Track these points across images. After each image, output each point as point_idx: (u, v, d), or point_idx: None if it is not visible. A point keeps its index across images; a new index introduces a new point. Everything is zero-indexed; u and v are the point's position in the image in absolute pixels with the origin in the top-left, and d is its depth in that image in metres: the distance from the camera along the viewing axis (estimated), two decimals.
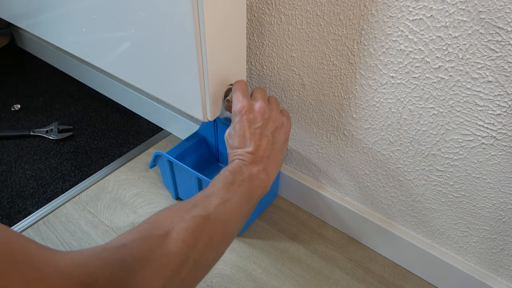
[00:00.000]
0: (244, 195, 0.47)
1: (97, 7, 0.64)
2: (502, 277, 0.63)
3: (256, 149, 0.51)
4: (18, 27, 1.20)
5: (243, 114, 0.52)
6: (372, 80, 0.57)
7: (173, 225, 0.39)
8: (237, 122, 0.52)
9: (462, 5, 0.44)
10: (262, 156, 0.51)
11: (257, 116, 0.52)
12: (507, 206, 0.55)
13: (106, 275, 0.31)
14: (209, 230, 0.41)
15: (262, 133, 0.52)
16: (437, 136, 0.56)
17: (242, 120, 0.52)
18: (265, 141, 0.52)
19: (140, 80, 0.68)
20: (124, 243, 0.36)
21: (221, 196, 0.45)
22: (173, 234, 0.39)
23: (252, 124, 0.52)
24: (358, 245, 0.78)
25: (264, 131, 0.52)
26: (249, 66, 0.72)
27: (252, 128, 0.51)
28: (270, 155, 0.52)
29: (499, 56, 0.45)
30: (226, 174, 0.48)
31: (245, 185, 0.47)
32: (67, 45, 0.79)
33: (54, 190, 0.87)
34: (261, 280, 0.71)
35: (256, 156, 0.50)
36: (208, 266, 0.43)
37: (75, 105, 1.13)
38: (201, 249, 0.40)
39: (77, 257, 0.31)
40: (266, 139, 0.52)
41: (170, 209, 0.43)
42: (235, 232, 0.47)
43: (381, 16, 0.51)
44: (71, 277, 0.28)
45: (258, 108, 0.53)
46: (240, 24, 0.57)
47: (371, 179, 0.69)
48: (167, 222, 0.40)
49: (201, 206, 0.43)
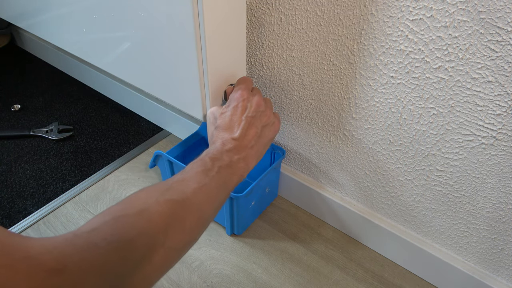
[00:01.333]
0: (221, 182, 0.47)
1: (97, 7, 0.64)
2: (502, 277, 0.63)
3: (242, 137, 0.51)
4: (18, 27, 1.20)
5: (241, 101, 0.53)
6: (372, 80, 0.57)
7: (147, 206, 0.39)
8: (233, 107, 0.53)
9: (462, 5, 0.44)
10: (246, 145, 0.51)
11: (253, 106, 0.54)
12: (507, 206, 0.55)
13: (75, 261, 0.30)
14: (183, 215, 0.41)
15: (252, 122, 0.53)
16: (437, 136, 0.56)
17: (238, 106, 0.53)
18: (253, 131, 0.52)
19: (140, 80, 0.68)
20: (95, 227, 0.35)
21: (198, 181, 0.44)
22: (145, 215, 0.38)
23: (246, 112, 0.53)
24: (358, 245, 0.78)
25: (255, 122, 0.53)
26: (249, 66, 0.72)
27: (245, 115, 0.52)
28: (253, 146, 0.52)
29: (499, 56, 0.45)
30: (206, 160, 0.47)
31: (223, 172, 0.47)
32: (67, 45, 0.79)
33: (54, 190, 0.87)
34: (261, 280, 0.71)
35: (240, 143, 0.51)
36: (180, 251, 0.42)
37: (75, 105, 1.13)
38: (173, 233, 0.39)
39: (47, 242, 0.30)
40: (254, 130, 0.52)
41: (145, 191, 0.42)
42: (209, 218, 0.46)
43: (381, 16, 0.51)
44: (40, 263, 0.28)
45: (256, 100, 0.54)
46: (240, 24, 0.57)
47: (371, 179, 0.69)
48: (140, 203, 0.39)
49: (176, 189, 0.42)
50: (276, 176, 0.83)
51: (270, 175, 0.78)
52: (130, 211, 0.38)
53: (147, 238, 0.37)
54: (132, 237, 0.36)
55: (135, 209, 0.38)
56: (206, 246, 0.76)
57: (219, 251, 0.76)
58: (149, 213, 0.38)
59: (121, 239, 0.35)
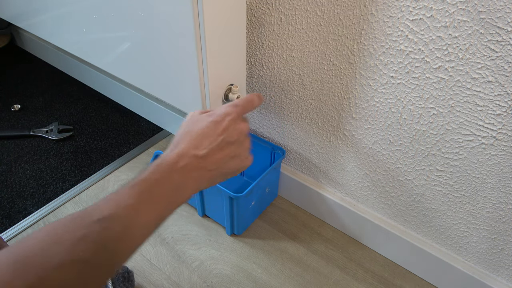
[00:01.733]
0: (160, 214, 0.40)
1: (97, 7, 0.64)
2: (502, 277, 0.63)
3: (205, 157, 0.44)
4: (18, 27, 1.20)
5: (227, 120, 0.47)
6: (372, 80, 0.57)
7: (47, 272, 0.31)
8: (215, 120, 0.46)
9: (462, 5, 0.44)
10: (205, 167, 0.44)
11: (236, 130, 0.47)
12: (507, 206, 0.55)
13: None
14: (92, 277, 0.34)
15: (225, 147, 0.46)
16: (437, 136, 0.56)
17: (221, 122, 0.46)
18: (220, 155, 0.45)
19: (140, 80, 0.68)
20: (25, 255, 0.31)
21: (126, 215, 0.37)
22: (45, 284, 0.31)
23: (226, 134, 0.46)
24: (358, 245, 0.78)
25: (228, 148, 0.46)
26: (249, 66, 0.72)
27: (223, 136, 0.46)
28: (213, 170, 0.45)
29: (499, 56, 0.45)
30: (150, 181, 0.40)
31: (166, 199, 0.41)
32: (67, 45, 0.79)
33: (54, 190, 0.87)
34: (261, 280, 0.71)
35: (199, 163, 0.44)
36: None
37: (75, 105, 1.13)
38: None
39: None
40: (222, 155, 0.46)
41: (57, 233, 0.34)
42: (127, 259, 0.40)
43: (381, 16, 0.51)
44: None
45: (242, 126, 0.48)
46: (240, 24, 0.57)
47: (371, 179, 0.69)
48: (43, 261, 0.32)
49: (95, 235, 0.34)
50: (276, 176, 0.83)
51: (270, 175, 0.78)
52: (30, 271, 0.31)
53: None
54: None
55: (34, 271, 0.31)
56: (206, 246, 0.76)
57: (219, 251, 0.76)
58: (49, 283, 0.31)
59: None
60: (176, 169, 0.43)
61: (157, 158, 0.44)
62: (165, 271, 0.72)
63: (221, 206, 0.74)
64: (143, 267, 0.73)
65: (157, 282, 0.70)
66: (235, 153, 0.47)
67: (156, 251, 0.75)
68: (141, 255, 0.75)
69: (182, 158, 0.43)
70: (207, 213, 0.81)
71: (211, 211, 0.80)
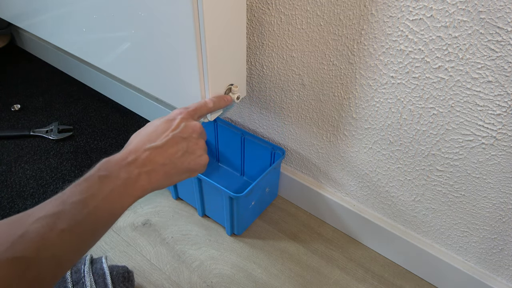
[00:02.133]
0: (106, 214, 0.39)
1: (97, 7, 0.64)
2: (502, 277, 0.63)
3: (156, 149, 0.43)
4: (18, 27, 1.20)
5: (179, 118, 0.47)
6: (372, 80, 0.57)
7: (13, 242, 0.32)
8: (167, 119, 0.47)
9: (462, 5, 0.44)
10: (157, 160, 0.43)
11: (189, 127, 0.46)
12: (507, 206, 0.55)
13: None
14: (32, 277, 0.32)
15: (177, 142, 0.45)
16: (437, 136, 0.56)
17: (172, 120, 0.47)
18: (173, 150, 0.44)
19: (140, 80, 0.68)
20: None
21: (70, 218, 0.36)
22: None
23: (178, 130, 0.46)
24: (358, 245, 0.78)
25: (181, 143, 0.45)
26: (249, 66, 0.72)
27: (174, 132, 0.45)
28: (166, 164, 0.44)
29: (499, 56, 0.45)
30: (93, 180, 0.39)
31: (111, 198, 0.39)
32: (67, 45, 0.79)
33: (54, 190, 0.86)
34: (261, 280, 0.71)
35: (150, 155, 0.43)
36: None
37: (75, 105, 1.13)
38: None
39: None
40: (175, 149, 0.45)
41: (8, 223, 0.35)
42: (73, 263, 0.38)
43: (381, 16, 0.51)
44: None
45: (194, 124, 0.47)
46: (240, 24, 0.57)
47: (371, 179, 0.69)
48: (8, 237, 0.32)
49: (33, 236, 0.34)
50: (276, 176, 0.83)
51: (270, 175, 0.78)
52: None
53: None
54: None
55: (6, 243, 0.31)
56: (206, 246, 0.76)
57: (219, 251, 0.76)
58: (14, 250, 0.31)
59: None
60: (124, 164, 0.42)
61: (102, 161, 0.43)
62: (165, 271, 0.72)
63: (221, 206, 0.74)
64: (143, 267, 0.73)
65: (157, 282, 0.70)
66: (188, 149, 0.46)
67: (156, 251, 0.75)
68: (141, 255, 0.75)
69: (132, 153, 0.43)
70: (207, 213, 0.81)
71: (211, 211, 0.80)
